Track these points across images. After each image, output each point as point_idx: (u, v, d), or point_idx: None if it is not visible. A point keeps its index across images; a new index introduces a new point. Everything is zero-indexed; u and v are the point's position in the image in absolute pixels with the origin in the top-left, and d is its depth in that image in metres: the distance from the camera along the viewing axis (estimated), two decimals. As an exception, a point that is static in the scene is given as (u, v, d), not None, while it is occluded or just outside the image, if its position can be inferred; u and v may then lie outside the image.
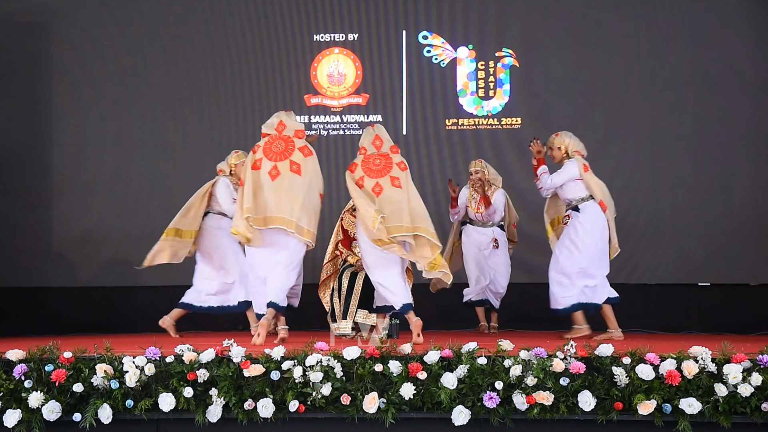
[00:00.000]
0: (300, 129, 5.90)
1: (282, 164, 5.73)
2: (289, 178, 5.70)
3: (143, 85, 8.52)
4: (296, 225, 5.62)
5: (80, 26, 8.54)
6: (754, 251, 8.07)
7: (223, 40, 8.54)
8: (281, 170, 5.72)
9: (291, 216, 5.62)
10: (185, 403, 4.43)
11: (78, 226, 8.34)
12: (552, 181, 6.52)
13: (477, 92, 8.45)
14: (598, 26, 8.35)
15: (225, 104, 8.51)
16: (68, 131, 8.47)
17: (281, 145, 5.81)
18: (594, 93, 8.32)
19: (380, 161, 5.99)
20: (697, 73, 8.21)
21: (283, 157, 5.76)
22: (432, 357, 4.46)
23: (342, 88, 8.53)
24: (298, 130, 5.88)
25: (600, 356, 4.43)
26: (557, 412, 4.35)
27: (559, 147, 6.64)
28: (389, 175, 5.89)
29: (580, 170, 6.45)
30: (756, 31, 8.16)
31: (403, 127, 8.46)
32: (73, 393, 4.47)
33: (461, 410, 4.37)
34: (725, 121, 8.15)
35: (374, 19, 8.50)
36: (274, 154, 5.77)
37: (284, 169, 5.72)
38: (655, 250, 8.17)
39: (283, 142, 5.81)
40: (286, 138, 5.83)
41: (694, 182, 8.17)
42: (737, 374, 4.31)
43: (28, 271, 8.29)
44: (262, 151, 5.79)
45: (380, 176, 5.89)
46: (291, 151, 5.78)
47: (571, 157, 6.56)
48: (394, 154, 6.06)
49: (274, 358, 4.49)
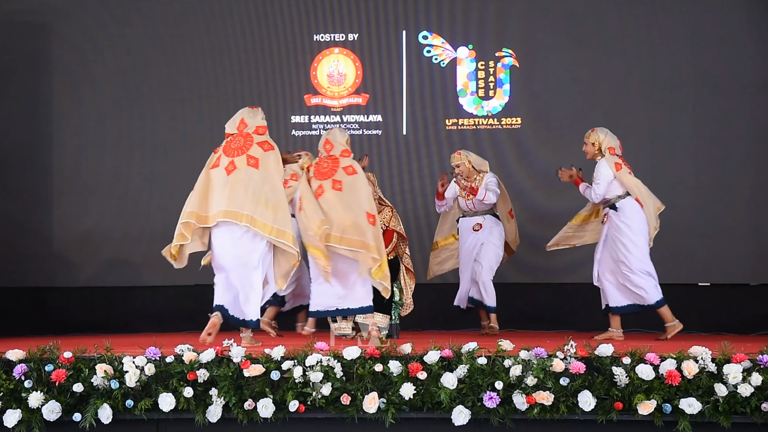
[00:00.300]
0: (262, 125, 5.75)
1: (239, 159, 5.61)
2: (245, 171, 5.56)
3: (143, 85, 8.52)
4: (250, 218, 5.44)
5: (80, 26, 8.55)
6: (754, 251, 8.07)
7: (223, 40, 8.54)
8: (238, 165, 5.58)
9: (242, 209, 5.46)
10: (185, 403, 4.43)
11: (78, 226, 8.35)
12: (596, 193, 6.52)
13: (477, 92, 8.45)
14: (598, 26, 8.35)
15: (225, 104, 8.50)
16: (68, 131, 8.47)
17: (240, 141, 5.71)
18: (594, 93, 8.32)
19: (327, 164, 6.11)
20: (697, 73, 8.21)
21: (241, 152, 5.64)
22: (432, 357, 4.45)
23: (342, 88, 8.54)
24: (259, 126, 5.74)
25: (600, 356, 4.42)
26: (557, 412, 4.35)
27: (593, 143, 6.64)
28: (332, 179, 6.01)
29: (612, 169, 6.46)
30: (756, 31, 8.16)
31: (403, 127, 8.46)
32: (73, 393, 4.47)
33: (461, 410, 4.37)
34: (725, 121, 8.15)
35: (374, 19, 8.51)
36: (232, 150, 5.68)
37: (241, 163, 5.59)
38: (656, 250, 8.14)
39: (242, 139, 5.71)
40: (245, 135, 5.72)
41: (694, 182, 8.17)
42: (737, 374, 4.31)
43: (28, 271, 8.29)
44: (222, 150, 5.73)
45: (324, 179, 6.03)
46: (249, 146, 5.65)
47: (603, 155, 6.56)
48: (344, 157, 6.17)
49: (274, 358, 4.49)
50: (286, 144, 8.50)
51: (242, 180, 5.54)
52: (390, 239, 6.64)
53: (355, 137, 8.46)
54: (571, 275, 8.11)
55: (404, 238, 6.74)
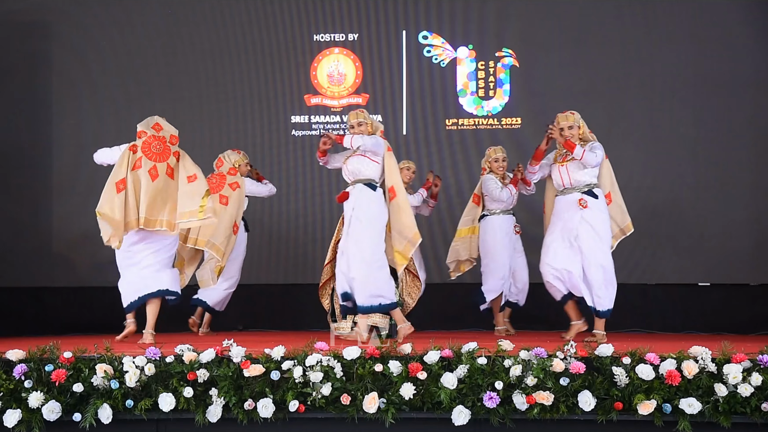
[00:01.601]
0: (174, 135, 6.05)
1: (160, 165, 5.92)
2: (164, 180, 5.89)
3: (143, 85, 8.52)
4: (167, 223, 5.83)
5: (80, 26, 8.55)
6: (754, 251, 8.07)
7: (223, 40, 8.54)
8: (159, 171, 5.90)
9: (162, 216, 5.83)
10: (185, 403, 4.43)
11: (78, 226, 8.33)
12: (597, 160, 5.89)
13: (477, 92, 8.45)
14: (598, 26, 8.35)
15: (225, 104, 8.51)
16: (68, 131, 8.47)
17: (159, 146, 5.98)
18: (594, 93, 8.31)
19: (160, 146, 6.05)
20: (697, 73, 8.21)
21: (162, 159, 5.94)
22: (432, 357, 4.46)
23: (342, 88, 8.54)
24: (173, 135, 6.04)
25: (600, 356, 4.43)
26: (557, 412, 4.35)
27: (579, 126, 6.04)
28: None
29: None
30: (756, 31, 8.16)
31: (403, 127, 8.46)
32: (73, 393, 4.47)
33: (461, 410, 4.37)
34: (725, 121, 8.15)
35: (374, 19, 8.51)
36: (153, 154, 5.94)
37: (162, 170, 5.90)
38: (655, 250, 8.17)
39: (161, 144, 5.98)
40: (161, 138, 5.99)
41: (694, 182, 8.17)
42: (737, 374, 4.31)
43: (28, 271, 8.29)
44: (141, 151, 5.94)
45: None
46: (167, 155, 5.96)
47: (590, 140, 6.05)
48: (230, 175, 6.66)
49: (274, 358, 4.49)
50: (286, 144, 8.51)
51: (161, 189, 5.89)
52: (389, 239, 6.62)
53: (355, 137, 8.46)
54: (571, 275, 8.11)
55: None
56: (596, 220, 5.97)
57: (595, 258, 5.96)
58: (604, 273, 5.97)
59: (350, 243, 5.69)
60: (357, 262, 5.64)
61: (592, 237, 5.97)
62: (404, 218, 5.79)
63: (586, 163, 5.91)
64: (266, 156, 8.38)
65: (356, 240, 5.67)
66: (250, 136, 8.42)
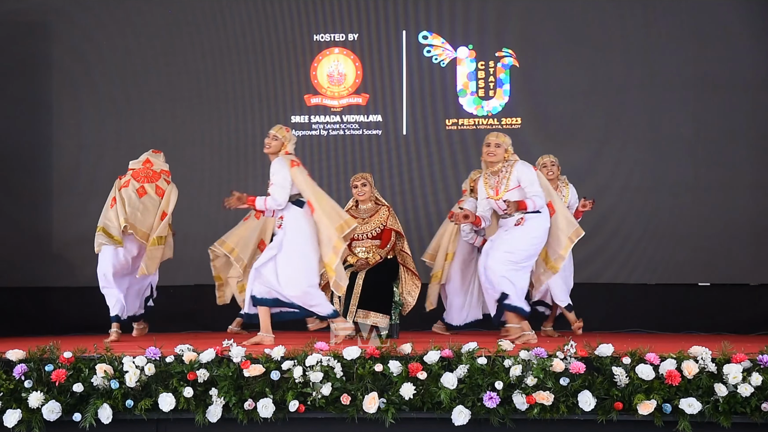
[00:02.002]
0: (165, 170, 6.82)
1: (149, 186, 6.67)
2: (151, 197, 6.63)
3: (143, 85, 8.52)
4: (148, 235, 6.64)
5: (80, 26, 8.55)
6: (754, 251, 8.07)
7: (223, 40, 8.54)
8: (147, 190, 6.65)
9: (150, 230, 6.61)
10: (185, 403, 4.43)
11: (78, 227, 8.33)
12: (541, 197, 5.86)
13: (477, 92, 8.45)
14: (598, 26, 8.35)
15: (225, 104, 8.51)
16: (68, 131, 8.47)
17: (149, 173, 6.75)
18: (594, 93, 8.32)
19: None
20: (697, 73, 8.21)
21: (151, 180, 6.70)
22: (432, 357, 4.46)
23: (342, 88, 8.54)
24: (164, 170, 6.81)
25: (600, 356, 4.43)
26: (557, 412, 4.35)
27: (506, 149, 6.00)
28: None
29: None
30: (756, 31, 8.16)
31: (403, 127, 8.46)
32: (73, 393, 4.47)
33: (461, 410, 4.37)
34: (725, 121, 8.15)
35: (374, 19, 8.51)
36: (142, 177, 6.71)
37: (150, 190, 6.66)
38: (655, 250, 8.17)
39: (152, 172, 6.75)
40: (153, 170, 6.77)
41: (694, 182, 8.17)
42: (737, 374, 4.31)
43: (28, 271, 8.29)
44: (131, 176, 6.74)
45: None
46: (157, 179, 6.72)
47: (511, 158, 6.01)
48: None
49: (274, 358, 4.49)
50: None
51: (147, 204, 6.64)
52: (388, 238, 6.64)
53: (354, 137, 8.47)
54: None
55: (402, 236, 6.74)
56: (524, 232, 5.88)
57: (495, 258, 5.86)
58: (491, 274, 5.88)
59: (281, 260, 5.61)
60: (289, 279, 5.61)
61: (507, 241, 5.89)
62: (324, 230, 5.68)
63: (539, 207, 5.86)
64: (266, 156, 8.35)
65: (287, 257, 5.62)
66: (250, 136, 8.42)
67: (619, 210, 8.21)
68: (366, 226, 6.66)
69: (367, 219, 6.69)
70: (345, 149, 8.47)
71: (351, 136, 8.46)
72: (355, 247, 6.69)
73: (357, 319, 6.40)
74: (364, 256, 6.61)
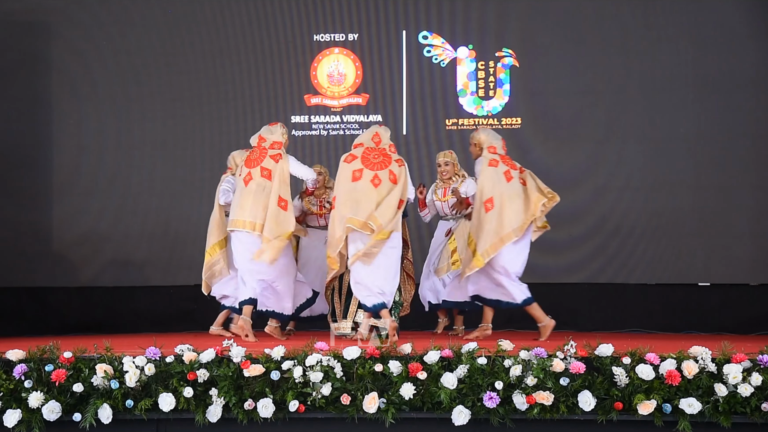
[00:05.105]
0: (278, 141, 6.30)
1: (254, 170, 6.20)
2: (257, 182, 6.15)
3: (143, 85, 8.51)
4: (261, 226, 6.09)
5: (80, 26, 8.54)
6: (754, 251, 8.07)
7: (223, 41, 8.54)
8: (253, 176, 6.19)
9: (255, 219, 6.10)
10: (185, 403, 4.44)
11: (78, 226, 8.35)
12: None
13: (477, 92, 8.45)
14: (598, 26, 8.35)
15: (225, 104, 8.51)
16: (68, 131, 8.47)
17: (256, 153, 6.30)
18: (594, 93, 8.32)
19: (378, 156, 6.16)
20: (697, 73, 8.20)
21: (256, 163, 6.23)
22: (432, 357, 4.46)
23: (342, 88, 8.54)
24: (275, 141, 6.29)
25: (600, 356, 4.43)
26: (557, 412, 4.35)
27: (454, 164, 6.81)
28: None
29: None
30: (756, 31, 8.15)
31: (403, 127, 8.46)
32: (73, 393, 4.47)
33: (461, 410, 4.37)
34: (725, 121, 8.15)
35: (374, 19, 8.50)
36: (250, 162, 6.29)
37: (256, 174, 6.18)
38: (655, 250, 8.17)
39: (259, 151, 6.30)
40: (262, 148, 6.30)
41: (694, 182, 8.17)
42: (737, 374, 4.32)
43: (28, 271, 8.28)
44: (243, 162, 6.34)
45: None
46: (263, 158, 6.23)
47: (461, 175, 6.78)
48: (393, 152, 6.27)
49: (274, 358, 4.49)
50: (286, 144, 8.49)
51: (253, 191, 6.14)
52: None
53: (355, 137, 8.43)
54: (571, 275, 8.12)
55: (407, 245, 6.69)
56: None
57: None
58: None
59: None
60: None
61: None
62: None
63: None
64: (266, 156, 8.36)
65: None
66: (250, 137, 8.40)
67: (619, 210, 8.21)
68: (367, 226, 6.63)
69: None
70: (345, 149, 8.40)
71: (351, 136, 8.45)
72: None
73: (357, 319, 6.40)
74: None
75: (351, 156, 6.14)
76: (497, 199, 6.10)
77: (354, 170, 6.01)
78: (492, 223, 6.07)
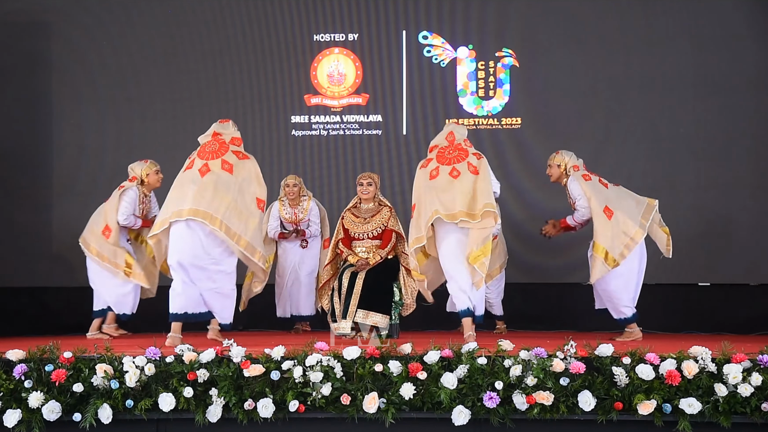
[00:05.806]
0: (237, 137, 6.02)
1: (213, 162, 5.78)
2: (218, 174, 5.72)
3: (143, 85, 8.52)
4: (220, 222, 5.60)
5: (80, 26, 8.54)
6: (754, 251, 8.07)
7: (223, 40, 8.55)
8: (212, 168, 5.74)
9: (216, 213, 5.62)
10: (185, 403, 4.44)
11: (78, 227, 8.29)
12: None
13: (477, 92, 8.45)
14: (598, 26, 8.35)
15: (225, 104, 8.51)
16: (68, 131, 8.47)
17: (215, 146, 5.91)
18: (594, 93, 8.32)
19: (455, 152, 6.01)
20: (697, 73, 8.21)
21: (216, 156, 5.82)
22: (432, 357, 4.46)
23: (342, 88, 8.53)
24: (234, 137, 6.01)
25: (600, 356, 4.43)
26: (557, 412, 4.35)
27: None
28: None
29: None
30: (756, 31, 8.15)
31: (403, 127, 8.46)
32: (73, 393, 4.47)
33: (461, 410, 4.37)
34: (725, 121, 8.15)
35: (374, 19, 8.50)
36: (206, 153, 5.87)
37: (215, 167, 5.75)
38: (656, 250, 8.16)
39: (218, 144, 5.91)
40: (221, 141, 5.94)
41: (695, 182, 8.17)
42: (737, 374, 4.32)
43: (28, 271, 8.29)
44: (196, 154, 5.91)
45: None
46: (224, 152, 5.86)
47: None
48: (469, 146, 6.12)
49: (274, 358, 4.49)
50: (286, 144, 8.51)
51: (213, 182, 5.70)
52: (389, 239, 6.65)
53: (355, 137, 8.47)
54: (571, 275, 8.10)
55: (402, 237, 6.75)
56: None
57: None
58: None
59: None
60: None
61: None
62: None
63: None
64: (266, 156, 8.37)
65: None
66: (250, 136, 8.41)
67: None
68: (367, 225, 6.67)
69: (368, 219, 6.70)
70: (345, 149, 8.47)
71: (351, 136, 8.46)
72: (355, 247, 6.70)
73: (357, 319, 6.40)
74: (364, 256, 6.61)
75: (426, 160, 6.06)
76: (611, 205, 6.39)
77: (431, 170, 5.92)
78: (618, 227, 6.38)
